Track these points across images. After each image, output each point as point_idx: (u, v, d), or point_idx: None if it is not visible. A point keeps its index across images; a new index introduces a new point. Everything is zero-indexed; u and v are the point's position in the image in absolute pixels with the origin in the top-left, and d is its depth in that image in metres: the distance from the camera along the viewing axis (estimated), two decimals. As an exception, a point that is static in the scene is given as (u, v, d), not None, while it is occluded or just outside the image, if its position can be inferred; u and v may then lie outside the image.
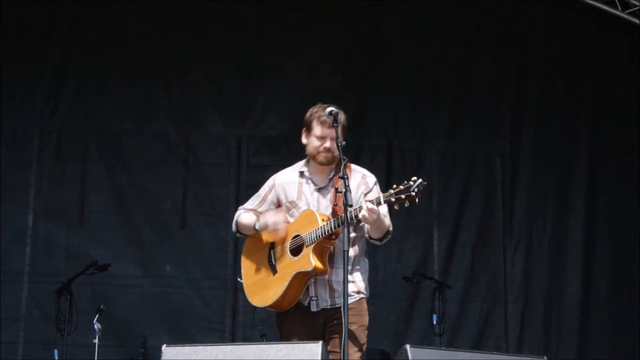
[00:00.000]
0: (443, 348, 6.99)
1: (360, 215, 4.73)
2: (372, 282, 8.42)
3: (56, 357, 7.52)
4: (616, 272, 9.09)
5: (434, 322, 7.99)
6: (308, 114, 5.14)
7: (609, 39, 9.39)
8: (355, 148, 8.69)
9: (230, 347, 4.45)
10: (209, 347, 4.41)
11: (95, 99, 8.80)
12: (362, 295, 5.07)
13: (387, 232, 4.99)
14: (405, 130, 9.18)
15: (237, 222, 5.27)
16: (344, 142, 4.93)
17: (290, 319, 5.03)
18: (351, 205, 4.67)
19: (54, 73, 8.76)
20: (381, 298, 8.61)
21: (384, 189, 4.90)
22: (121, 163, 8.71)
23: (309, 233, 4.91)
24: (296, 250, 4.97)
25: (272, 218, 5.07)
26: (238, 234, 5.33)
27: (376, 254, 8.63)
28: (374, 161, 8.74)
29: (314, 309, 4.97)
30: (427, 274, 8.42)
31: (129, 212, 8.62)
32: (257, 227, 5.11)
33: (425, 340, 8.26)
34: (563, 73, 9.42)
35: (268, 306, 5.06)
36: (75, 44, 8.83)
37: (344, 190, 4.66)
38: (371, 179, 5.17)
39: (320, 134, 5.06)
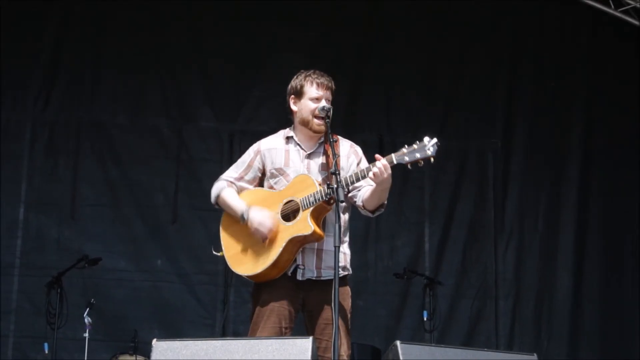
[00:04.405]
0: (433, 344, 6.98)
1: (371, 174, 4.59)
2: (362, 278, 8.58)
3: (46, 351, 7.52)
4: (608, 269, 9.10)
5: (425, 319, 8.02)
6: (295, 79, 4.95)
7: (602, 35, 9.40)
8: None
9: (220, 342, 4.43)
10: (199, 342, 4.39)
11: (88, 92, 8.77)
12: (346, 272, 4.88)
13: (383, 204, 4.83)
14: (398, 125, 9.16)
15: (219, 197, 4.97)
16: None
17: (270, 288, 4.82)
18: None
19: (47, 66, 8.72)
20: (372, 294, 8.64)
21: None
22: (113, 157, 8.68)
23: (305, 197, 4.72)
24: (289, 216, 4.79)
25: (262, 220, 4.79)
26: (217, 206, 5.05)
27: (367, 250, 8.67)
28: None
29: (299, 277, 4.79)
30: (418, 270, 8.44)
31: (120, 205, 8.61)
32: (245, 217, 4.81)
33: (415, 337, 8.27)
34: (556, 69, 9.42)
35: (256, 274, 4.80)
36: (68, 37, 8.80)
37: (335, 186, 4.53)
38: (359, 148, 5.08)
39: (315, 95, 4.88)
